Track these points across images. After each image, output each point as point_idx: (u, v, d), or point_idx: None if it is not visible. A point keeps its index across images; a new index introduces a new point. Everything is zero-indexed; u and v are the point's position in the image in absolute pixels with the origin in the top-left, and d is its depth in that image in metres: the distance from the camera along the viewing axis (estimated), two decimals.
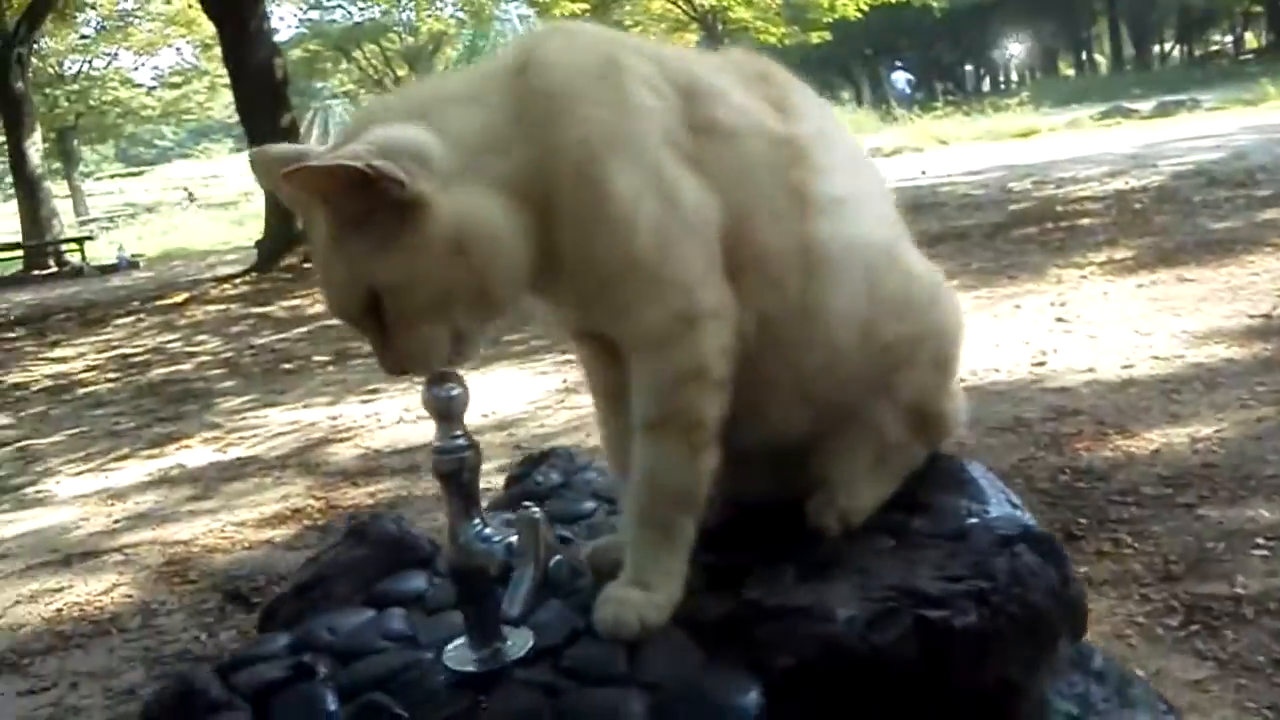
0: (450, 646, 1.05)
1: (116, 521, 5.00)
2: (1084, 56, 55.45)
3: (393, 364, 1.13)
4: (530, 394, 6.18)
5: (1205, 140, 13.42)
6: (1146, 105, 21.66)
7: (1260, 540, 3.31)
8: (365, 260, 1.07)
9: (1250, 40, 49.97)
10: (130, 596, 4.11)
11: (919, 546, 1.19)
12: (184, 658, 3.55)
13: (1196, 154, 11.97)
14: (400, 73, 38.00)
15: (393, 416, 6.16)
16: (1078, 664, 1.17)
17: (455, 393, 1.12)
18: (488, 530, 1.06)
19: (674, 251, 1.18)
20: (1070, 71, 53.05)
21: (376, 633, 1.09)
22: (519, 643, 1.05)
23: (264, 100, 13.57)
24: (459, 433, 1.11)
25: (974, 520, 1.23)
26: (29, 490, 5.73)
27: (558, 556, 1.05)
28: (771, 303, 1.25)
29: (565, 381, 6.31)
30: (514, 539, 1.03)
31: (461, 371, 1.17)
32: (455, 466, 1.09)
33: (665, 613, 1.15)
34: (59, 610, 4.05)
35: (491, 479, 4.78)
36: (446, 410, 1.11)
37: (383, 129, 1.11)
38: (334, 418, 6.32)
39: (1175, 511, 3.53)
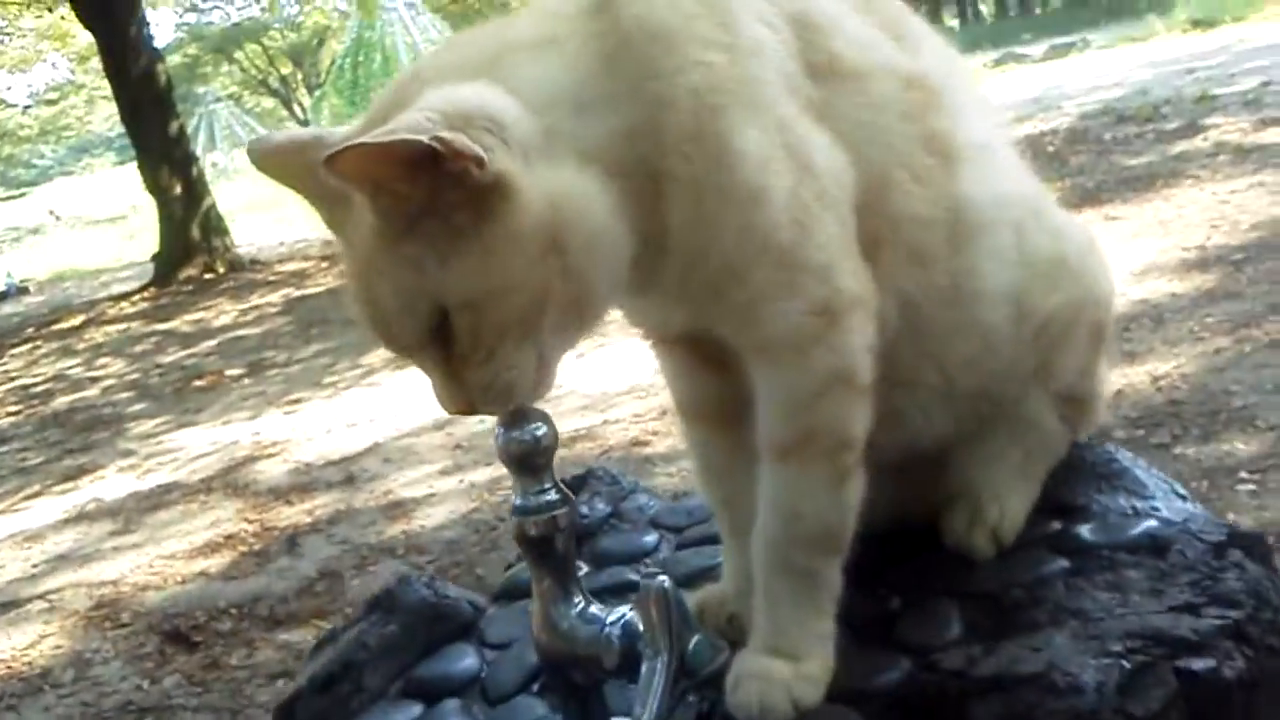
0: None
1: (35, 565, 4.66)
2: (967, 7, 56.15)
3: (464, 402, 0.87)
4: None
5: (1104, 79, 13.51)
6: (1038, 49, 21.79)
7: (1244, 475, 3.25)
8: (430, 269, 0.82)
9: None
10: (60, 647, 3.81)
11: (1109, 566, 0.97)
12: (128, 709, 3.29)
13: (1098, 93, 12.04)
14: (285, 70, 37.12)
15: (320, 427, 5.87)
16: None
17: (542, 433, 0.87)
18: (593, 609, 0.81)
19: (811, 228, 0.94)
20: (954, 22, 53.71)
21: None
22: None
23: (150, 108, 13.03)
24: (547, 485, 0.85)
25: (1151, 522, 1.02)
26: None
27: (696, 636, 0.80)
28: (914, 282, 1.03)
29: None
30: (630, 616, 0.78)
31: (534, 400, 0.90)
32: (547, 530, 0.82)
33: (821, 688, 0.92)
34: None
35: (434, 483, 4.57)
36: (532, 457, 0.85)
37: (442, 92, 0.85)
38: (256, 433, 6.00)
39: (1151, 453, 3.44)
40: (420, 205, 0.81)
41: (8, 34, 30.18)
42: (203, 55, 36.28)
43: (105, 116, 35.22)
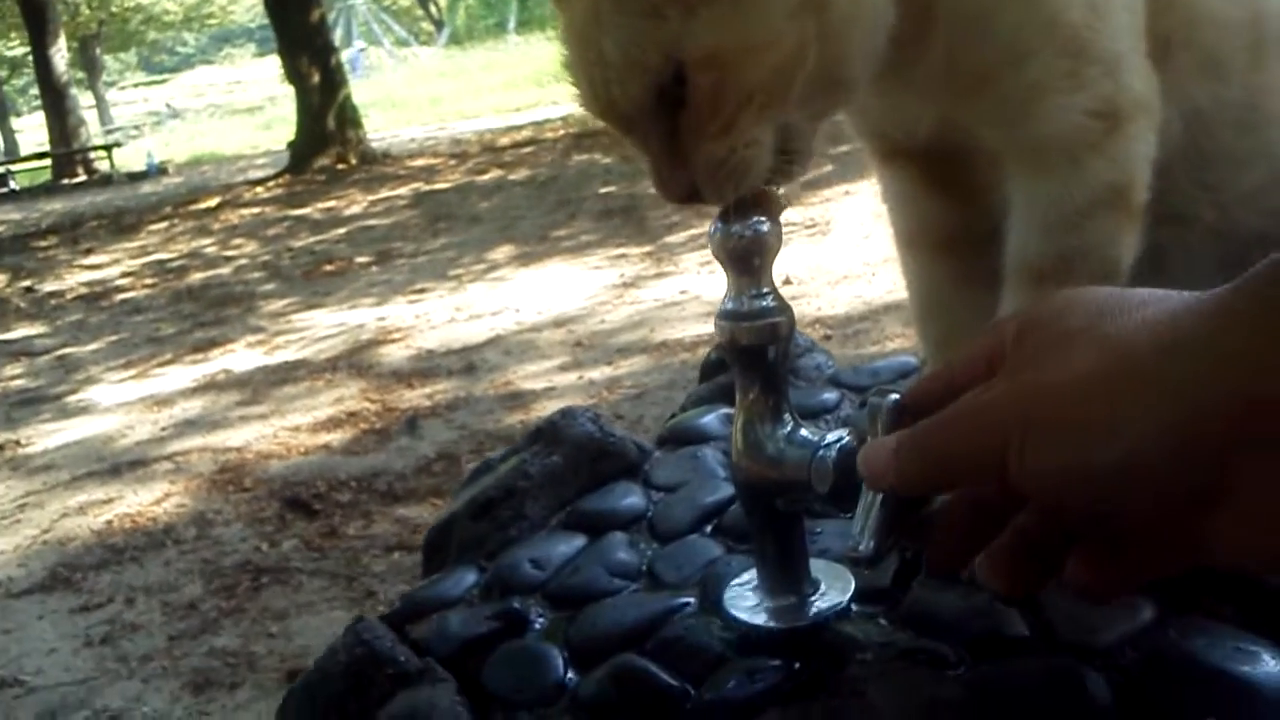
0: (733, 590, 0.71)
1: (164, 429, 4.78)
2: None
3: (686, 184, 0.72)
4: (586, 289, 5.90)
5: None
6: None
7: None
8: (672, 16, 0.69)
9: None
10: (184, 506, 3.91)
11: None
12: (245, 568, 3.36)
13: None
14: None
15: (443, 316, 5.90)
16: None
17: (765, 229, 0.70)
18: (804, 431, 0.68)
19: (1104, 11, 0.80)
20: None
21: (600, 566, 0.75)
22: (836, 586, 0.69)
23: None
24: (766, 289, 0.70)
25: None
26: (71, 399, 5.52)
27: None
28: (1206, 95, 0.89)
29: (622, 276, 6.02)
30: (847, 439, 0.65)
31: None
32: (763, 338, 0.69)
33: None
34: (109, 522, 3.85)
35: (554, 378, 4.57)
36: (752, 255, 0.69)
37: None
38: (381, 319, 6.06)
39: None
40: None
41: None
42: None
43: (247, 7, 35.78)
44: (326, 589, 3.12)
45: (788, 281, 5.15)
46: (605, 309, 5.51)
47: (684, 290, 5.47)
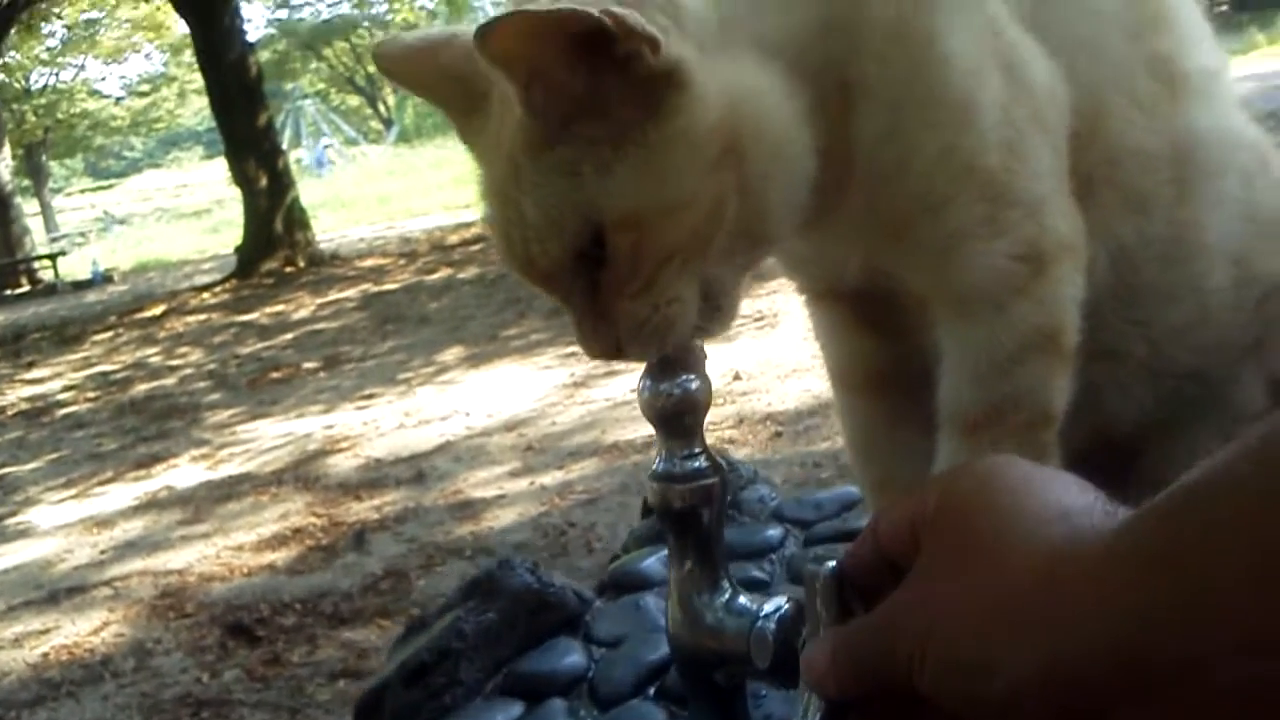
0: None
1: (104, 552, 4.66)
2: None
3: (610, 343, 0.71)
4: (536, 390, 5.86)
5: None
6: None
7: None
8: (587, 176, 0.68)
9: None
10: (123, 635, 3.79)
11: None
12: (186, 702, 3.23)
13: None
14: (371, 68, 37.51)
15: (392, 423, 5.83)
16: None
17: (695, 386, 0.69)
18: (742, 599, 0.66)
19: (1024, 154, 0.79)
20: None
21: None
22: None
23: (240, 99, 13.23)
24: (698, 449, 0.69)
25: None
26: (8, 522, 5.37)
27: None
28: (1131, 232, 0.87)
29: (573, 375, 5.99)
30: (788, 608, 0.63)
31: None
32: (695, 502, 0.67)
33: None
34: (46, 654, 3.72)
35: (505, 484, 4.49)
36: (682, 414, 0.68)
37: None
38: (329, 427, 5.97)
39: None
40: (579, 99, 0.68)
41: (104, 24, 30.89)
42: (291, 52, 36.78)
43: (195, 111, 35.97)
44: None
45: (737, 377, 5.14)
46: (556, 410, 5.46)
47: (634, 389, 5.44)
